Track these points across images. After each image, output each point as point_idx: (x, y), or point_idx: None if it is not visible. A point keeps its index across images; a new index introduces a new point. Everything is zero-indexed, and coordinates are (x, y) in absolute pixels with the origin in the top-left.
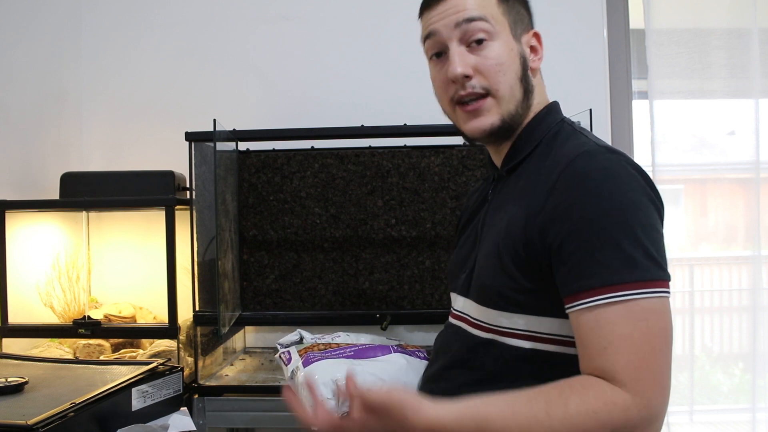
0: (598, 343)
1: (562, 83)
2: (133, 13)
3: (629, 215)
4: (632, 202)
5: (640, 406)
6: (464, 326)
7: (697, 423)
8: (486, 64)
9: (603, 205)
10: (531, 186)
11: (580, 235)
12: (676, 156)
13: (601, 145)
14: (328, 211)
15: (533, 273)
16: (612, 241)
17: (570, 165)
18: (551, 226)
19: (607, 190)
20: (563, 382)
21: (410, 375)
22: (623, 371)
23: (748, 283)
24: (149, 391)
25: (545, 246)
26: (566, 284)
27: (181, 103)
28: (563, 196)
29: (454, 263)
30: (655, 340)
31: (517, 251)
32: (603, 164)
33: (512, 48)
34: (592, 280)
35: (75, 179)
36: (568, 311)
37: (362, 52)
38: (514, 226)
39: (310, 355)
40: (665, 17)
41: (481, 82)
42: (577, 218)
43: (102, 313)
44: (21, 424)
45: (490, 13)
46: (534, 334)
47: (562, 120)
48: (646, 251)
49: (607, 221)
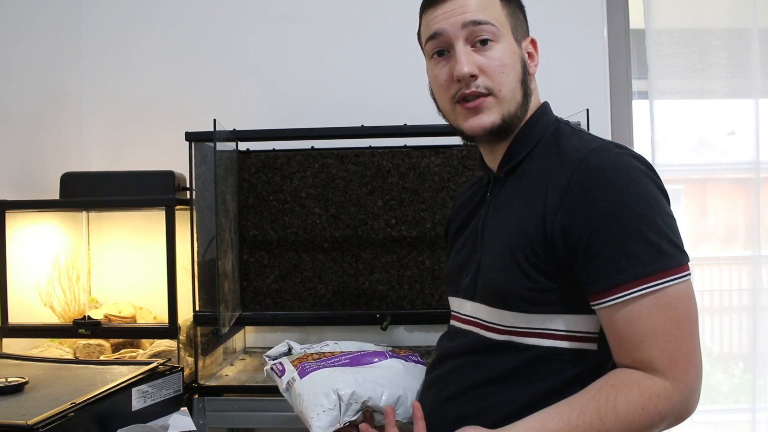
0: (635, 336)
1: (562, 83)
2: (133, 13)
3: (649, 207)
4: (649, 193)
5: (680, 390)
6: (475, 329)
7: (697, 423)
8: (491, 65)
9: (624, 199)
10: (538, 185)
11: (607, 230)
12: (676, 156)
13: (608, 142)
14: (328, 211)
15: (552, 272)
16: (638, 234)
17: (583, 161)
18: (574, 224)
19: (624, 183)
20: (604, 382)
21: (408, 380)
22: (660, 360)
23: (748, 283)
24: (149, 391)
25: (568, 244)
26: (596, 281)
27: (181, 103)
28: (582, 193)
29: (452, 267)
30: (684, 324)
31: (534, 251)
32: (615, 159)
33: (514, 51)
34: (625, 275)
35: (75, 179)
36: (599, 307)
37: (362, 52)
38: (528, 226)
39: (305, 365)
40: (665, 17)
41: (485, 82)
42: (601, 214)
43: (102, 313)
44: (21, 424)
45: (494, 17)
46: (551, 331)
47: (556, 120)
48: (669, 239)
49: (631, 215)
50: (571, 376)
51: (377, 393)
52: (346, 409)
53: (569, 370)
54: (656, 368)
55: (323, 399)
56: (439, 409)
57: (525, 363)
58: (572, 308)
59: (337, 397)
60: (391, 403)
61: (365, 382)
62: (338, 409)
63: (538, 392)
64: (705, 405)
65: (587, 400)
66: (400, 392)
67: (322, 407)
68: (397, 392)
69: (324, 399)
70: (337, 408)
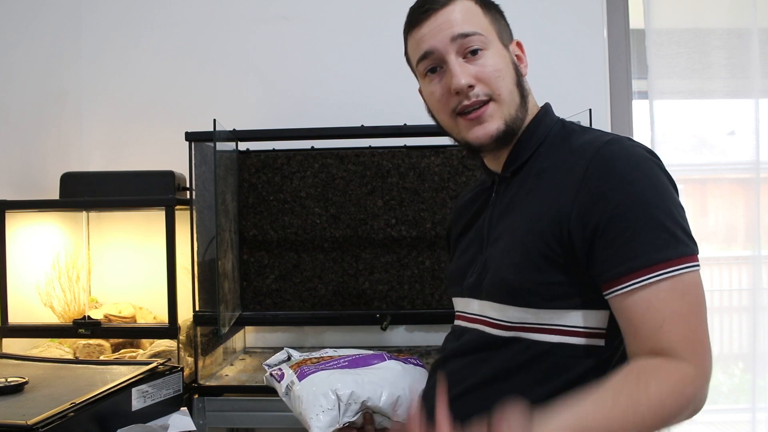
0: (654, 322)
1: (562, 83)
2: (133, 13)
3: (663, 196)
4: (662, 184)
5: (701, 373)
6: (481, 327)
7: (697, 423)
8: (485, 72)
9: (640, 189)
10: (548, 181)
11: (623, 218)
12: (676, 156)
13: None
14: (328, 211)
15: (565, 265)
16: (654, 221)
17: (598, 153)
18: (591, 214)
19: (640, 173)
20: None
21: (407, 380)
22: (681, 345)
23: (748, 283)
24: (149, 391)
25: (585, 234)
26: (612, 267)
27: (181, 103)
28: (597, 183)
29: (456, 268)
30: (699, 310)
31: (548, 244)
32: (629, 151)
33: (504, 55)
34: (642, 260)
35: (75, 179)
36: (615, 294)
37: (362, 52)
38: (541, 220)
39: (304, 368)
40: (665, 17)
41: (483, 90)
42: (617, 203)
43: (102, 313)
44: (21, 424)
45: (480, 26)
46: (561, 327)
47: (560, 120)
48: (683, 228)
49: (647, 203)
50: (579, 372)
51: (376, 393)
52: (346, 409)
53: (577, 365)
54: (677, 353)
55: (322, 399)
56: None
57: (532, 359)
58: (581, 304)
59: (336, 397)
60: (391, 404)
61: (364, 383)
62: (337, 410)
63: (545, 388)
64: (705, 405)
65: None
66: (400, 392)
67: (321, 407)
68: (396, 392)
69: (323, 399)
70: (336, 408)
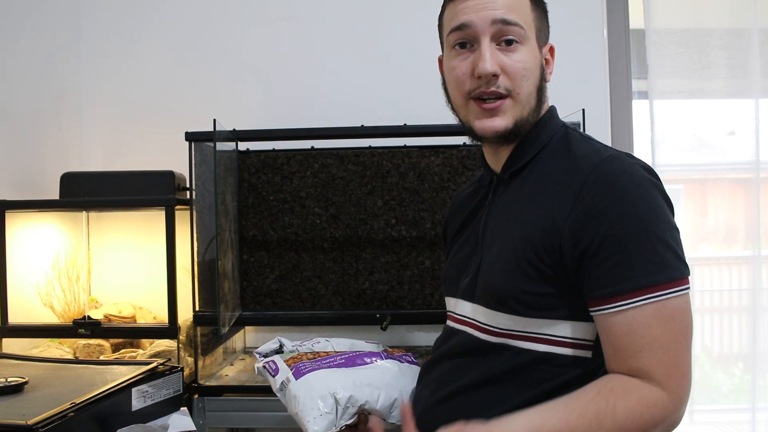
0: (634, 346)
1: (562, 83)
2: (132, 13)
3: (658, 219)
4: (658, 206)
5: (674, 400)
6: (470, 330)
7: (697, 423)
8: (514, 66)
9: (635, 210)
10: (546, 190)
11: (616, 239)
12: (676, 156)
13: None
14: (328, 211)
15: (554, 277)
16: (647, 244)
17: (596, 170)
18: (584, 231)
19: (636, 195)
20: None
21: (403, 381)
22: (657, 371)
23: (748, 283)
24: (149, 391)
25: (576, 251)
26: (600, 287)
27: (180, 103)
28: (593, 201)
29: (451, 267)
30: (681, 337)
31: (538, 255)
32: (627, 170)
33: (536, 55)
34: (629, 284)
35: (75, 179)
36: (599, 313)
37: (363, 52)
38: (534, 230)
39: (300, 365)
40: (665, 17)
41: (505, 83)
42: (612, 223)
43: (102, 313)
44: (21, 424)
45: (523, 18)
46: (548, 337)
47: (564, 125)
48: (674, 252)
49: (641, 225)
50: (564, 382)
51: (374, 396)
52: (343, 413)
53: (562, 375)
54: (653, 378)
55: (320, 402)
56: (432, 410)
57: (519, 366)
58: (570, 315)
59: (335, 401)
60: (387, 406)
61: (362, 386)
62: (335, 413)
63: (531, 396)
64: (705, 405)
65: (587, 401)
66: (396, 395)
67: (319, 411)
68: (393, 395)
69: (321, 402)
70: (333, 412)
